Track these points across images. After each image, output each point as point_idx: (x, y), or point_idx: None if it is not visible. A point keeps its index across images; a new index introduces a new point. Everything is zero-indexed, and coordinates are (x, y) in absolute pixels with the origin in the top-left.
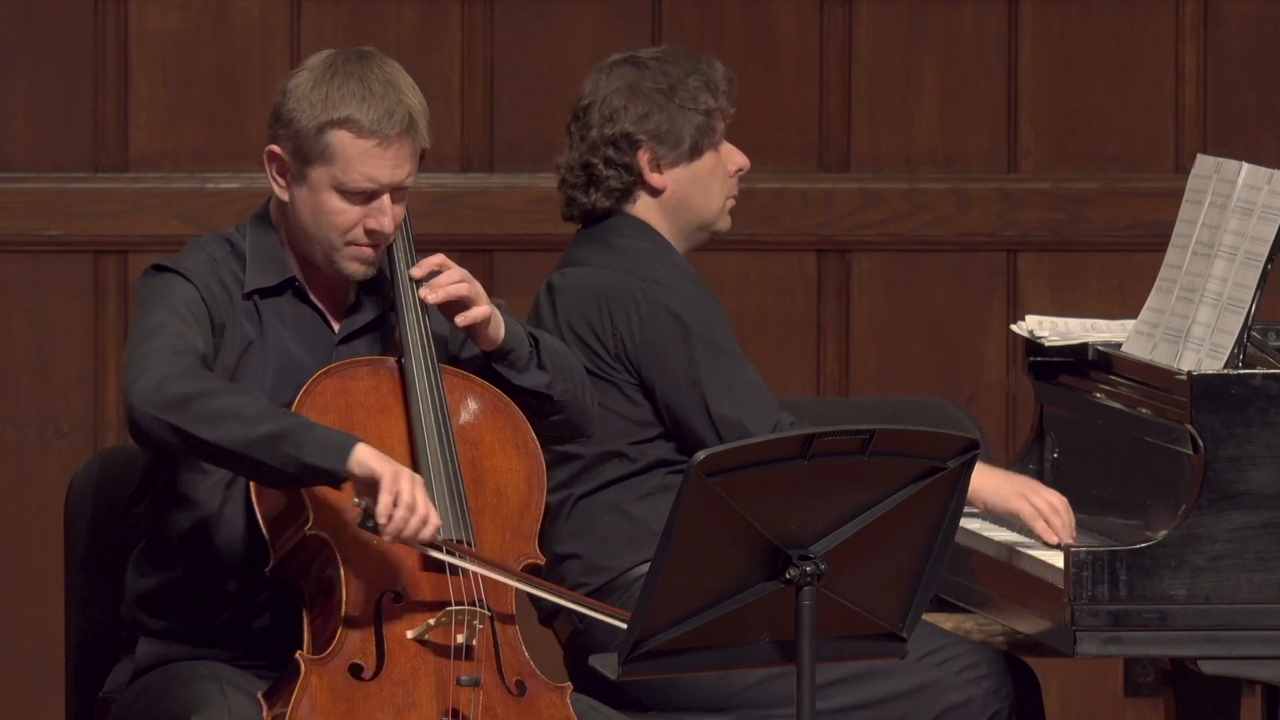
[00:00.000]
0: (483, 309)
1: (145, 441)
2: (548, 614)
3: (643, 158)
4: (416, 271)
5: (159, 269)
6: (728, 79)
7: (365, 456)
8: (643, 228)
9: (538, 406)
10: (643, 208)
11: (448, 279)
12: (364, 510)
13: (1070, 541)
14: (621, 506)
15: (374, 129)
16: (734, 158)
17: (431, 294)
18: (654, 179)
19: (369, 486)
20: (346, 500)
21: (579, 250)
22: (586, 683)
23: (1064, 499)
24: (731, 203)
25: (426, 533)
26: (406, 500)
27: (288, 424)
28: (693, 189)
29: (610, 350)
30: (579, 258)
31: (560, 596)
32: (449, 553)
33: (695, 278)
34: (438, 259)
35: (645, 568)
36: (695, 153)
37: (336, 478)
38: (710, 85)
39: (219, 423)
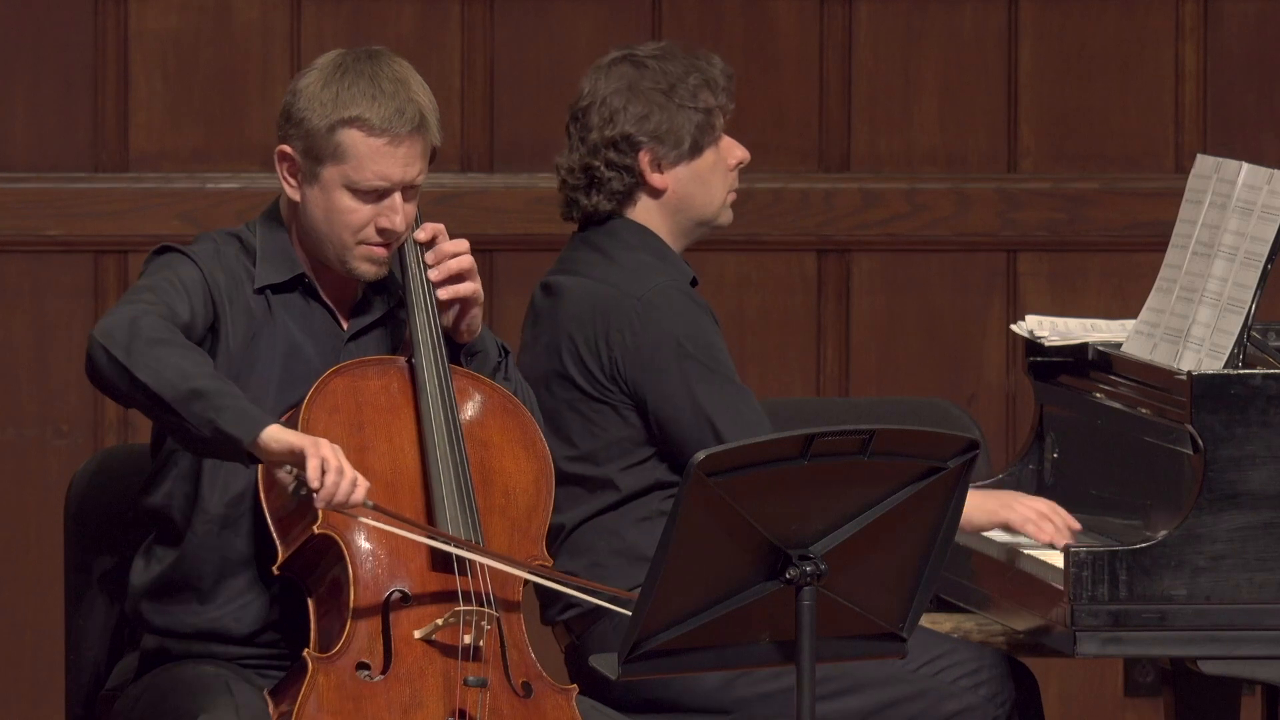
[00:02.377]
0: (479, 285)
1: (93, 376)
2: (550, 614)
3: (644, 159)
4: (421, 235)
5: (169, 249)
6: (726, 74)
7: (278, 432)
8: (643, 234)
9: None
10: (643, 209)
11: (452, 247)
12: (296, 479)
13: (1069, 541)
14: (618, 531)
15: (385, 127)
16: (734, 151)
17: (437, 272)
18: (655, 179)
19: (293, 459)
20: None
21: (578, 256)
22: (587, 686)
23: (1051, 503)
24: (732, 196)
25: (359, 494)
26: (334, 464)
27: (215, 387)
28: (694, 187)
29: (605, 369)
30: (578, 265)
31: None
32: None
33: (692, 294)
34: (437, 227)
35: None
36: (696, 151)
37: (240, 446)
38: (710, 82)
39: (157, 368)
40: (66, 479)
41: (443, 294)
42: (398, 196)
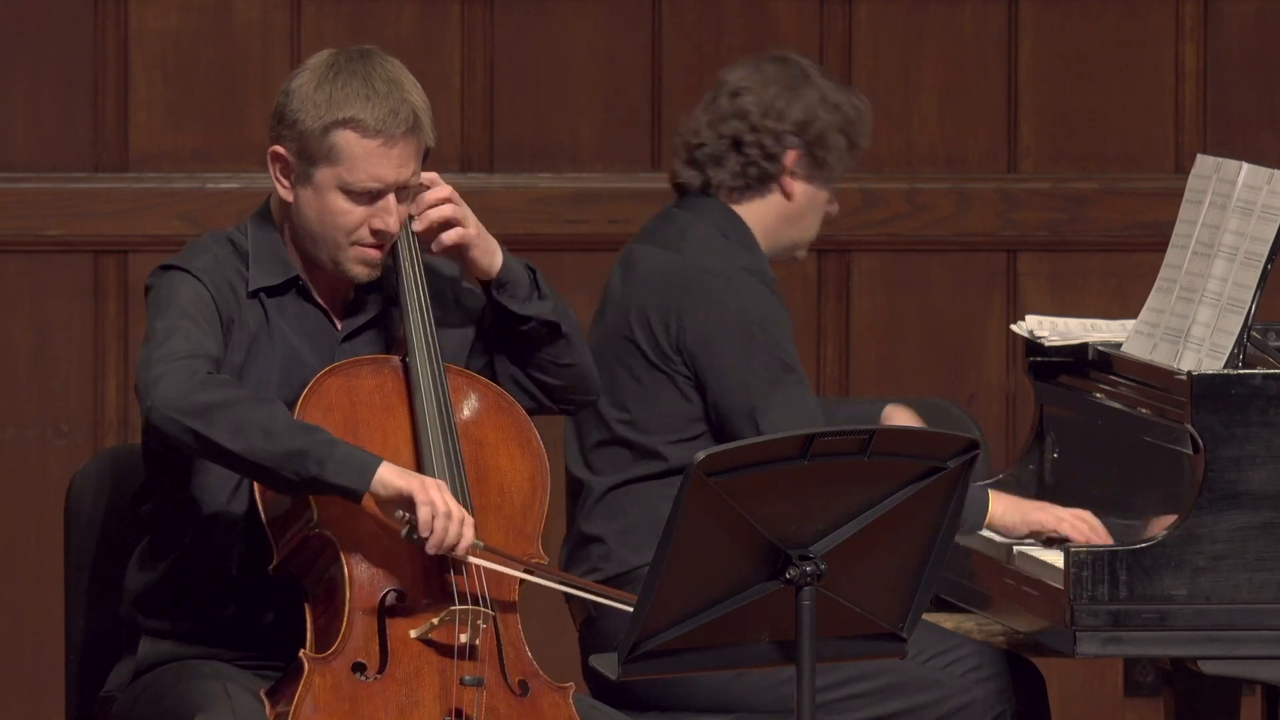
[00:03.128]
0: (469, 230)
1: (163, 444)
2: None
3: (790, 158)
4: (416, 210)
5: (168, 268)
6: (870, 120)
7: (389, 476)
8: (738, 226)
9: (549, 337)
10: (762, 205)
11: (434, 195)
12: (409, 524)
13: (1108, 541)
14: (653, 502)
15: (379, 128)
16: (835, 200)
17: (419, 222)
18: (787, 182)
19: (402, 502)
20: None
21: (660, 228)
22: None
23: (1087, 512)
24: (813, 238)
25: (468, 533)
26: (443, 510)
27: (311, 441)
28: (810, 210)
29: (672, 340)
30: (656, 236)
31: (578, 588)
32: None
33: (773, 286)
34: (430, 176)
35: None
36: (831, 177)
37: (357, 496)
38: (860, 119)
39: (243, 433)
40: (66, 479)
41: (434, 248)
42: (391, 198)
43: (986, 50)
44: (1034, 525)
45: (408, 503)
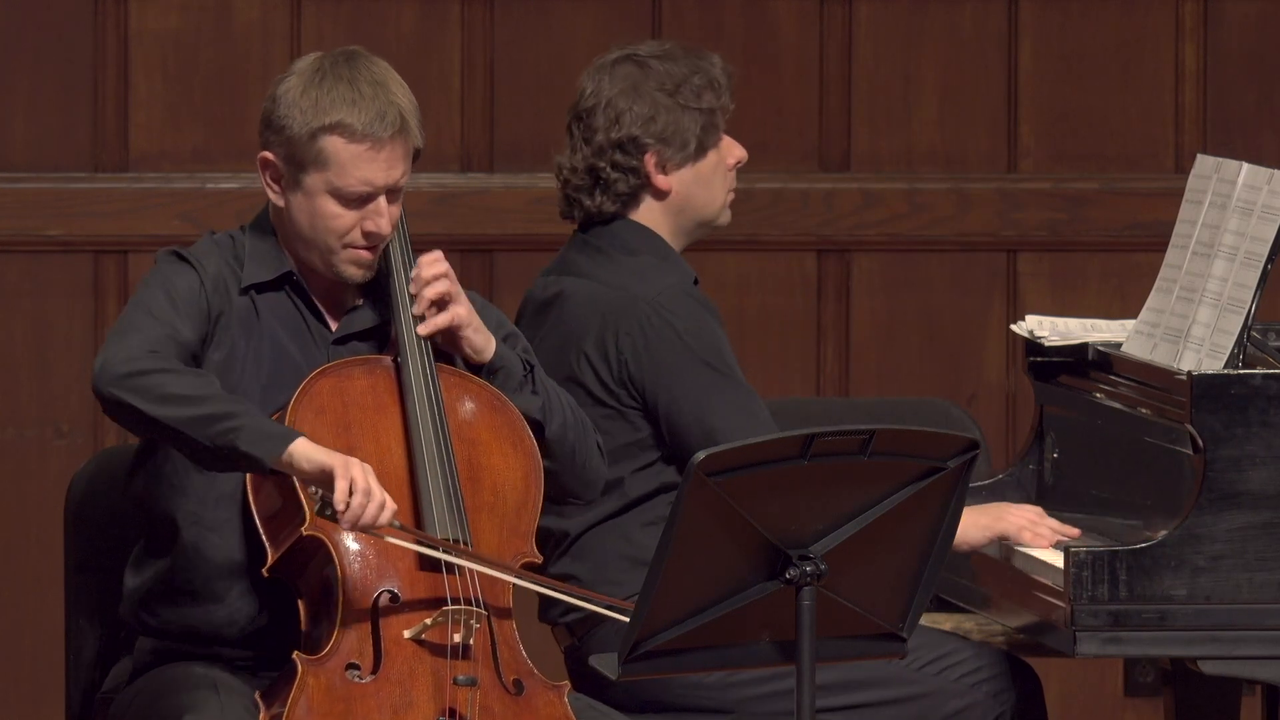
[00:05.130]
0: (460, 310)
1: (106, 413)
2: (551, 615)
3: (649, 161)
4: (414, 289)
5: (175, 255)
6: (727, 73)
7: (307, 450)
8: (646, 236)
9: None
10: (646, 210)
11: (430, 272)
12: (321, 499)
13: (1066, 540)
14: (625, 533)
15: (366, 132)
16: (733, 151)
17: (417, 305)
18: (660, 181)
19: (323, 478)
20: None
21: (580, 258)
22: (588, 687)
23: (1038, 509)
24: (731, 196)
25: (385, 516)
26: (362, 486)
27: (229, 408)
28: (697, 188)
29: (614, 372)
30: (581, 267)
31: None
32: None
33: (697, 294)
34: (432, 256)
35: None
36: (700, 152)
37: (263, 466)
38: (713, 82)
39: (166, 401)
40: (66, 479)
41: (421, 330)
42: (382, 200)
43: (986, 50)
44: (998, 537)
45: (328, 479)
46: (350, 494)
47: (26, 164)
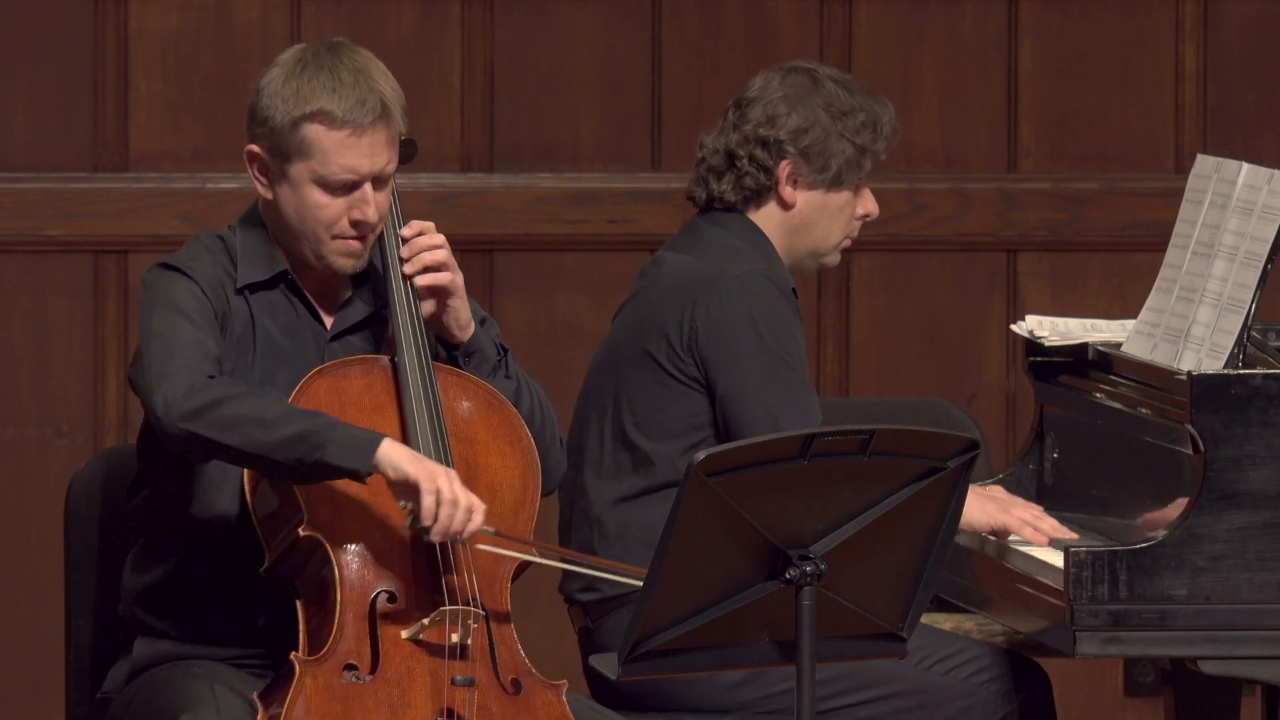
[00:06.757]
0: (457, 278)
1: (174, 451)
2: (570, 589)
3: (784, 168)
4: (406, 231)
5: (165, 267)
6: (893, 126)
7: (394, 457)
8: (756, 234)
9: None
10: (765, 215)
11: (429, 240)
12: (411, 513)
13: (1065, 537)
14: (652, 510)
15: (347, 119)
16: (866, 203)
17: (411, 264)
18: (786, 192)
19: (408, 489)
20: (341, 499)
21: (687, 237)
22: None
23: (1039, 507)
24: (848, 242)
25: (476, 522)
26: (448, 497)
27: (309, 425)
28: (820, 216)
29: (683, 339)
30: (684, 244)
31: (588, 566)
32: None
33: (788, 292)
34: (425, 225)
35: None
36: (836, 183)
37: (360, 476)
38: (875, 125)
39: (239, 428)
40: (66, 479)
41: (420, 281)
42: (368, 188)
43: (986, 50)
44: (999, 528)
45: (413, 490)
46: (438, 505)
47: (26, 164)
